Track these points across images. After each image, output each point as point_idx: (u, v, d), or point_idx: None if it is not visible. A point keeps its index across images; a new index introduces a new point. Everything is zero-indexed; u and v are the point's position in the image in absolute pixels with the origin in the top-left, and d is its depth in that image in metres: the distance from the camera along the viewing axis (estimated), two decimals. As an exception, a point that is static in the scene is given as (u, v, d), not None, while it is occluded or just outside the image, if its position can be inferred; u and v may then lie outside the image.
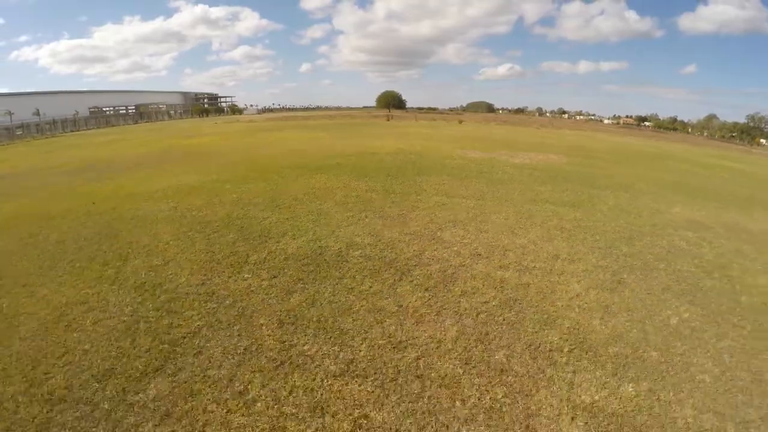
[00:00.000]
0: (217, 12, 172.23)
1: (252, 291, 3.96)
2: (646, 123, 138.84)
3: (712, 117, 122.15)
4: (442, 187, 9.15)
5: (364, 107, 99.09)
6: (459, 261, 4.75)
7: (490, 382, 2.78)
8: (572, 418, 2.54)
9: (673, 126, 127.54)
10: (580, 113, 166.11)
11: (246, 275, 4.29)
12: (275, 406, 2.55)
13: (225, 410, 2.54)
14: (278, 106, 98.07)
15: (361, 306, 3.68)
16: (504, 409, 2.57)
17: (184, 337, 3.30)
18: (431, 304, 3.76)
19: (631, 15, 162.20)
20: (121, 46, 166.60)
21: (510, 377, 2.84)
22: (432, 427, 2.40)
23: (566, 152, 18.37)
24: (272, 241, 5.28)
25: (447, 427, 2.40)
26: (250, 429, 2.41)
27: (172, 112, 67.33)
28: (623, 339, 3.44)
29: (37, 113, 58.40)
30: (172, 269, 4.58)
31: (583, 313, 3.76)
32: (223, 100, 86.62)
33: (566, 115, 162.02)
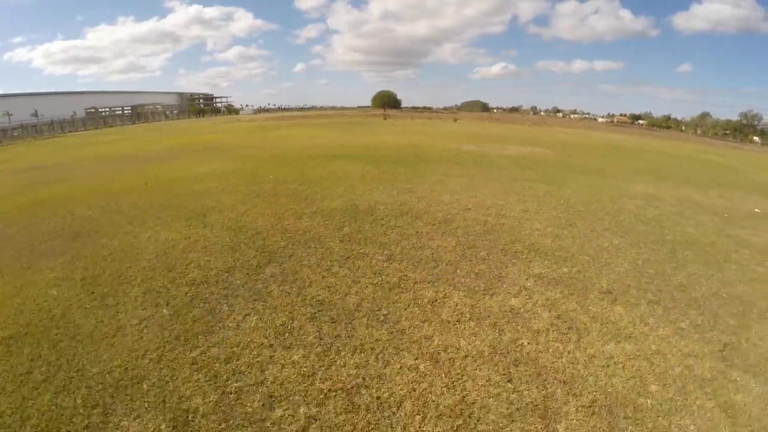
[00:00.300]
0: (211, 12, 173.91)
1: (314, 227, 5.77)
2: (640, 121, 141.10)
3: (705, 115, 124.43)
4: (440, 170, 10.99)
5: (359, 107, 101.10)
6: (455, 211, 6.61)
7: (477, 264, 4.62)
8: (526, 278, 4.38)
9: (666, 124, 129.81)
10: (574, 112, 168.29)
11: (306, 220, 6.10)
12: (351, 273, 4.36)
13: (321, 276, 4.34)
14: (274, 107, 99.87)
15: (392, 232, 5.52)
16: (485, 274, 4.41)
17: (278, 249, 5.09)
18: (438, 230, 5.61)
19: (626, 14, 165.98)
20: (115, 46, 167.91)
21: (489, 262, 4.69)
22: (445, 279, 4.24)
23: (551, 146, 20.37)
24: (316, 202, 7.09)
25: (453, 278, 4.24)
26: (339, 281, 4.21)
27: (168, 112, 68.63)
28: (565, 250, 5.30)
29: (36, 114, 59.20)
30: (247, 219, 6.36)
31: (540, 238, 5.62)
32: (218, 100, 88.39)
33: (560, 114, 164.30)
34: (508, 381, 2.88)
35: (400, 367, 2.96)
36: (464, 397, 2.72)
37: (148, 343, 3.41)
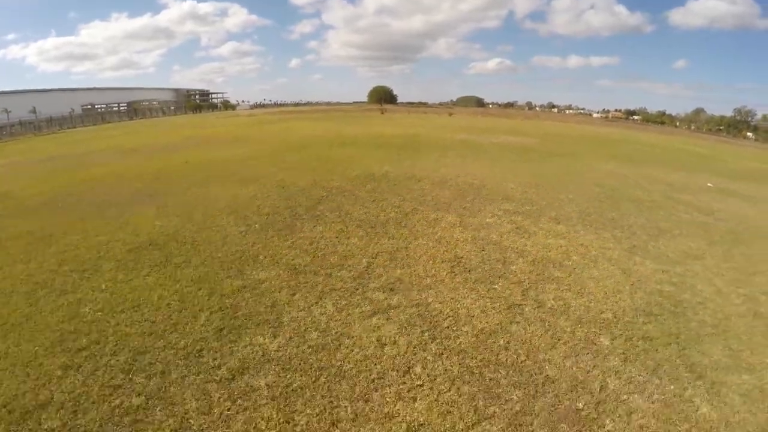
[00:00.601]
0: (205, 7, 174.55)
1: (344, 185, 7.83)
2: (635, 117, 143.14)
3: (699, 111, 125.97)
4: (436, 153, 13.06)
5: (354, 102, 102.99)
6: (449, 177, 8.74)
7: (464, 203, 6.71)
8: (498, 210, 6.47)
9: (661, 119, 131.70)
10: (569, 107, 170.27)
11: (336, 181, 8.16)
12: (377, 207, 6.42)
13: (358, 208, 6.39)
14: (269, 102, 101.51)
15: (403, 187, 7.62)
16: (470, 208, 6.49)
17: (322, 197, 7.13)
18: (436, 187, 7.73)
19: (621, 10, 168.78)
20: (109, 43, 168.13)
21: (473, 203, 6.78)
22: (443, 209, 6.31)
23: (538, 136, 22.55)
24: (339, 172, 9.15)
25: (448, 209, 6.32)
26: (372, 211, 6.25)
27: (165, 108, 69.96)
28: (529, 198, 7.41)
29: (34, 111, 60.06)
30: (290, 181, 8.37)
31: (512, 192, 7.74)
32: (214, 96, 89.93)
33: (555, 109, 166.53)
34: (482, 250, 4.95)
35: (418, 244, 5.02)
36: (455, 255, 4.78)
37: (253, 241, 5.38)
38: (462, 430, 2.49)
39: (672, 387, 2.93)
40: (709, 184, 11.87)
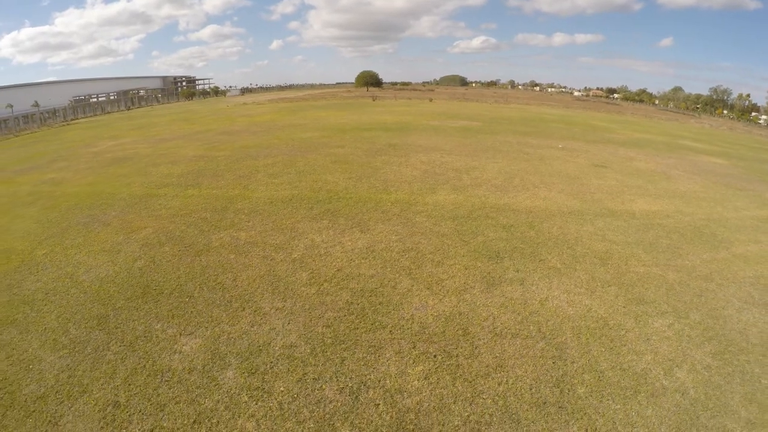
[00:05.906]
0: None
1: (384, 147, 22.56)
2: (615, 95, 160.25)
3: (678, 89, 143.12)
4: (416, 133, 27.90)
5: (338, 83, 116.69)
6: (422, 144, 23.57)
7: (425, 151, 21.61)
8: (436, 153, 21.42)
9: (640, 98, 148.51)
10: (552, 85, 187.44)
11: (378, 145, 22.95)
12: (397, 152, 21.25)
13: (393, 153, 21.19)
14: (256, 86, 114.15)
15: (404, 147, 22.41)
16: (427, 153, 21.41)
17: (379, 149, 21.83)
18: (417, 148, 22.53)
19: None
20: (85, 30, 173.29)
21: (429, 151, 21.68)
22: (421, 152, 21.18)
23: (486, 120, 37.74)
24: (375, 142, 23.90)
25: (419, 152, 21.23)
26: (395, 154, 21.07)
27: (160, 96, 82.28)
28: (449, 149, 22.34)
29: (36, 105, 71.82)
30: (358, 146, 23.00)
31: (444, 147, 22.66)
32: (201, 82, 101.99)
33: (537, 88, 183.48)
34: (429, 160, 19.83)
35: (409, 159, 19.83)
36: (421, 161, 19.61)
37: (368, 159, 20.07)
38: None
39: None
40: (560, 146, 27.00)
